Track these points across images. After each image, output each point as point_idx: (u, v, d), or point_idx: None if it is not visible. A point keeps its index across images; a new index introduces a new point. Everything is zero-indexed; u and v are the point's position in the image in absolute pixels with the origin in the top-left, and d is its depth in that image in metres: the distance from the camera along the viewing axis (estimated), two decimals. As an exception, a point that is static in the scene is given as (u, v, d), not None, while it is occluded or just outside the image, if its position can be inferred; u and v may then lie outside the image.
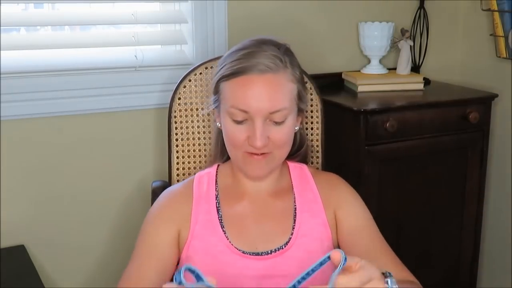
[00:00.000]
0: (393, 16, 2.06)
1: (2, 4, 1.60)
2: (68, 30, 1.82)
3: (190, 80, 1.55)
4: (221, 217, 1.24)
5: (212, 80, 1.28)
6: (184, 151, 1.54)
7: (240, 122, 1.18)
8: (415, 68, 2.15)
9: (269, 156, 1.20)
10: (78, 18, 1.76)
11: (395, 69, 2.04)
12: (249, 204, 1.26)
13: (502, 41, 2.00)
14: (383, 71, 2.02)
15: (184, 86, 1.54)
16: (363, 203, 1.30)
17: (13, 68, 1.64)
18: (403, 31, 2.02)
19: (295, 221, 1.24)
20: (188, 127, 1.54)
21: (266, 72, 1.16)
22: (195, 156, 1.54)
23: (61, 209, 1.76)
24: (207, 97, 1.46)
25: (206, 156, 1.54)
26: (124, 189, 1.82)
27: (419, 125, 1.80)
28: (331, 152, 1.59)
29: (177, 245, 1.23)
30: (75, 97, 1.70)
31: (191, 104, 1.55)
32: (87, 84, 1.71)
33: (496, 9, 1.98)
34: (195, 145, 1.54)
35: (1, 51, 1.61)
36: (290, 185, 1.29)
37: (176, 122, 1.53)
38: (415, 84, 1.97)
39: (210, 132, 1.56)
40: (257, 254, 1.21)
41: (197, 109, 1.55)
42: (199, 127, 1.55)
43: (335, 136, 1.74)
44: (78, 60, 1.72)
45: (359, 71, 2.05)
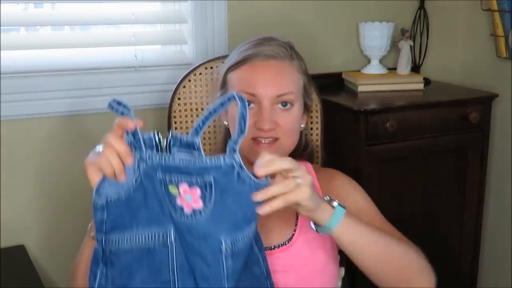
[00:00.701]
0: (393, 16, 2.06)
1: (2, 4, 1.60)
2: (68, 30, 1.82)
3: (190, 80, 1.55)
4: None
5: (218, 76, 1.30)
6: (184, 151, 1.53)
7: (248, 106, 1.18)
8: (415, 68, 2.15)
9: (276, 144, 1.20)
10: (78, 18, 1.76)
11: (395, 69, 2.04)
12: None
13: (502, 41, 2.00)
14: (383, 71, 2.02)
15: (184, 86, 1.54)
16: (362, 190, 1.29)
17: (13, 68, 1.64)
18: (403, 31, 2.02)
19: (297, 217, 1.24)
20: (188, 127, 1.54)
21: (272, 58, 1.21)
22: (195, 156, 1.54)
23: (61, 209, 1.76)
24: (212, 96, 1.45)
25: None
26: (124, 189, 1.82)
27: (419, 125, 1.80)
28: (331, 152, 1.59)
29: None
30: (75, 97, 1.70)
31: (191, 104, 1.55)
32: (87, 84, 1.71)
33: (496, 9, 1.98)
34: (195, 145, 1.54)
35: (1, 51, 1.61)
36: None
37: (176, 122, 1.53)
38: (415, 84, 1.97)
39: (209, 132, 1.56)
40: None
41: (197, 109, 1.55)
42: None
43: (335, 136, 1.74)
44: (78, 60, 1.72)
45: (359, 71, 2.05)
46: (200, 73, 1.55)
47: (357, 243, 1.06)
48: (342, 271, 1.37)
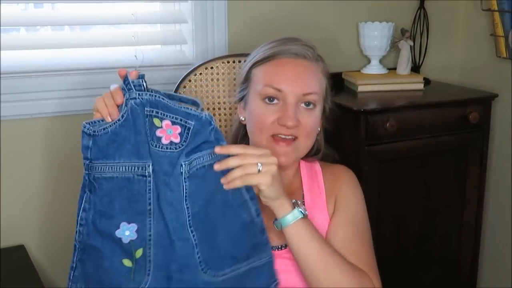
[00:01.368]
0: (393, 16, 2.06)
1: (2, 4, 1.60)
2: (68, 30, 1.82)
3: (190, 80, 1.55)
4: None
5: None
6: (184, 151, 1.53)
7: (271, 102, 1.20)
8: (415, 68, 2.15)
9: (294, 144, 1.21)
10: (78, 18, 1.76)
11: (395, 69, 2.04)
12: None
13: (502, 41, 2.00)
14: (383, 71, 2.02)
15: (184, 87, 1.54)
16: (359, 199, 1.29)
17: (13, 68, 1.64)
18: (403, 31, 2.02)
19: None
20: (188, 127, 1.54)
21: (300, 57, 1.22)
22: (195, 156, 1.54)
23: (61, 209, 1.76)
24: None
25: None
26: (124, 189, 1.82)
27: (419, 125, 1.80)
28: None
29: None
30: (75, 97, 1.70)
31: (191, 104, 1.55)
32: (87, 84, 1.70)
33: (496, 9, 1.98)
34: (195, 145, 1.54)
35: (1, 51, 1.61)
36: (300, 184, 1.29)
37: (176, 122, 1.53)
38: (415, 84, 1.97)
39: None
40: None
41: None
42: (199, 127, 1.54)
43: (335, 136, 1.73)
44: (78, 60, 1.72)
45: (359, 71, 2.05)
46: (200, 73, 1.55)
47: (301, 251, 1.12)
48: None
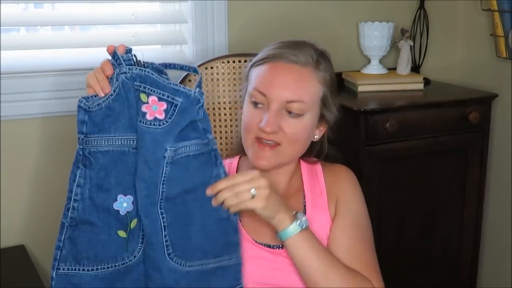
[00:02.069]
0: (393, 16, 2.06)
1: (2, 4, 1.60)
2: (68, 30, 1.82)
3: (190, 80, 1.55)
4: None
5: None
6: (184, 151, 1.53)
7: (257, 105, 1.19)
8: (415, 68, 2.15)
9: (277, 149, 1.19)
10: (78, 18, 1.76)
11: (395, 69, 2.04)
12: None
13: (502, 41, 2.00)
14: (383, 71, 2.02)
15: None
16: (360, 200, 1.29)
17: (13, 68, 1.64)
18: (403, 31, 2.02)
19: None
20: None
21: (293, 62, 1.19)
22: (195, 156, 1.54)
23: (61, 209, 1.75)
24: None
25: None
26: (124, 189, 1.82)
27: (419, 125, 1.80)
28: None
29: None
30: (75, 97, 1.68)
31: (191, 104, 1.55)
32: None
33: (496, 9, 1.98)
34: (195, 145, 1.54)
35: (1, 51, 1.61)
36: (301, 184, 1.29)
37: (176, 122, 1.53)
38: (415, 84, 1.97)
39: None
40: (269, 246, 1.22)
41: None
42: (199, 127, 1.54)
43: (335, 136, 1.73)
44: (78, 60, 1.72)
45: (359, 71, 2.05)
46: (200, 73, 1.55)
47: (301, 262, 1.14)
48: None
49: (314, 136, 1.26)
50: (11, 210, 1.70)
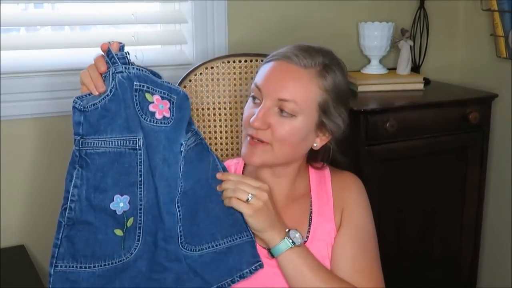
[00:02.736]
0: (393, 16, 2.06)
1: (2, 4, 1.60)
2: (68, 30, 1.82)
3: (190, 80, 1.55)
4: None
5: None
6: (184, 151, 1.53)
7: (254, 100, 1.20)
8: (415, 68, 2.15)
9: (266, 147, 1.18)
10: (78, 18, 1.76)
11: (395, 69, 2.04)
12: None
13: (502, 41, 2.00)
14: (383, 71, 2.02)
15: (184, 87, 1.54)
16: (366, 210, 1.27)
17: (13, 68, 1.64)
18: (403, 31, 2.02)
19: (310, 224, 1.24)
20: (188, 127, 1.54)
21: (295, 64, 1.17)
22: (195, 156, 1.54)
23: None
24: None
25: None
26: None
27: (419, 125, 1.80)
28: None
29: None
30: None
31: (192, 104, 1.55)
32: (87, 84, 1.70)
33: (496, 9, 1.98)
34: (195, 145, 1.54)
35: (1, 51, 1.61)
36: (308, 190, 1.28)
37: (176, 122, 1.53)
38: (415, 84, 1.97)
39: (210, 132, 1.56)
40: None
41: (198, 109, 1.55)
42: (199, 126, 1.54)
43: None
44: (78, 60, 1.72)
45: (359, 71, 2.05)
46: (201, 73, 1.55)
47: (294, 278, 1.16)
48: None
49: (313, 144, 1.23)
50: (11, 210, 1.70)
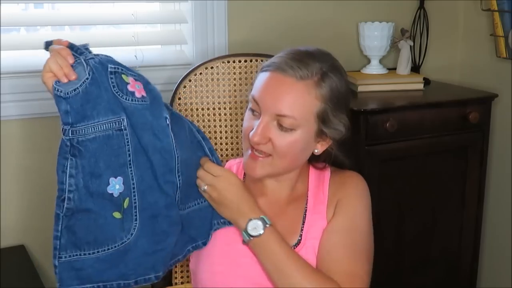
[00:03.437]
0: (393, 16, 2.06)
1: (2, 4, 1.60)
2: (68, 30, 1.82)
3: (190, 80, 1.55)
4: None
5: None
6: (184, 151, 1.53)
7: (253, 113, 1.19)
8: (415, 68, 2.15)
9: (267, 160, 1.18)
10: (78, 18, 1.76)
11: (395, 69, 2.04)
12: (266, 203, 1.25)
13: (502, 41, 2.00)
14: (383, 71, 2.02)
15: (184, 86, 1.54)
16: (362, 205, 1.26)
17: (13, 68, 1.64)
18: (403, 31, 2.02)
19: (304, 223, 1.23)
20: (188, 127, 1.54)
21: (290, 76, 1.15)
22: (195, 156, 1.54)
23: (61, 209, 1.76)
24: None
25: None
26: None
27: (419, 125, 1.80)
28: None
29: None
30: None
31: (191, 104, 1.55)
32: (87, 84, 1.71)
33: (496, 9, 1.98)
34: (195, 145, 1.54)
35: (1, 51, 1.61)
36: (306, 190, 1.28)
37: (176, 122, 1.53)
38: (415, 84, 1.97)
39: (210, 132, 1.56)
40: None
41: (197, 109, 1.55)
42: (199, 126, 1.54)
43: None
44: (78, 60, 1.72)
45: (359, 71, 2.05)
46: (201, 73, 1.55)
47: (262, 262, 1.18)
48: None
49: (314, 150, 1.23)
50: (11, 210, 1.70)
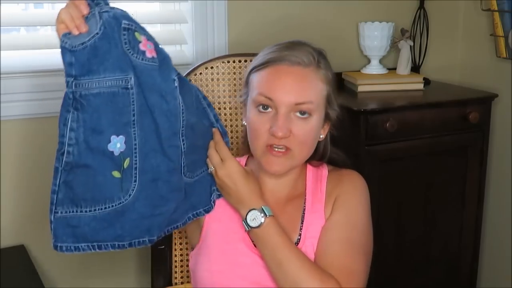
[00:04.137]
0: (393, 16, 2.06)
1: (2, 4, 1.60)
2: (68, 30, 1.82)
3: (190, 80, 1.55)
4: None
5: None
6: (184, 151, 1.53)
7: (265, 110, 1.18)
8: (415, 68, 2.15)
9: (289, 154, 1.18)
10: (78, 18, 1.75)
11: (395, 69, 2.04)
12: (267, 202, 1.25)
13: (502, 41, 2.00)
14: (383, 71, 2.02)
15: (184, 86, 1.54)
16: (360, 202, 1.25)
17: (13, 68, 1.64)
18: (403, 31, 2.02)
19: (302, 222, 1.23)
20: (188, 127, 1.54)
21: (296, 64, 1.18)
22: (195, 156, 1.54)
23: (61, 209, 1.76)
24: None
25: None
26: (124, 189, 1.82)
27: (419, 125, 1.80)
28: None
29: (199, 226, 1.28)
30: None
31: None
32: (87, 84, 1.71)
33: (496, 9, 1.98)
34: (195, 145, 1.54)
35: (1, 51, 1.61)
36: (304, 189, 1.28)
37: (176, 122, 1.53)
38: (415, 84, 1.98)
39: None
40: None
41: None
42: (199, 127, 1.54)
43: (335, 136, 1.73)
44: (78, 60, 1.72)
45: (359, 71, 2.05)
46: (200, 73, 1.55)
47: (261, 252, 1.18)
48: None
49: (319, 136, 1.25)
50: (11, 210, 1.70)
